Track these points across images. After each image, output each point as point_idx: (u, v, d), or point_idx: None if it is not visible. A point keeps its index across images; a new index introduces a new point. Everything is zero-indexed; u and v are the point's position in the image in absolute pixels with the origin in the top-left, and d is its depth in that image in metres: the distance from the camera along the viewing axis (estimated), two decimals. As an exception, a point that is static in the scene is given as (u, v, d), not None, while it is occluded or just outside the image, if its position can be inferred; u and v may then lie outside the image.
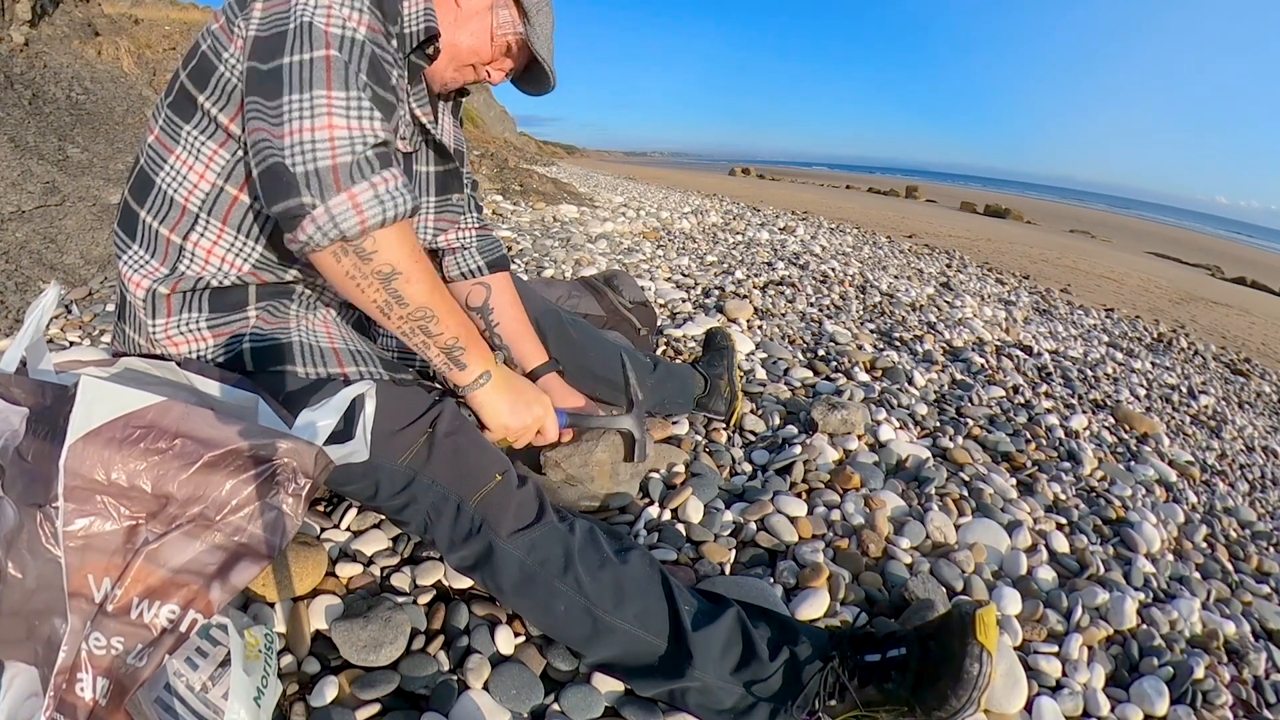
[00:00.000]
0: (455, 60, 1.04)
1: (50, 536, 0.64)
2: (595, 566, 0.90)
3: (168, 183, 0.91)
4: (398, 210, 0.78)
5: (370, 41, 0.82)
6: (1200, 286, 8.82)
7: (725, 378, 1.62)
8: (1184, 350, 3.95)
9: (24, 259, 2.39)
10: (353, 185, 0.76)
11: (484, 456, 0.96)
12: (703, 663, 0.86)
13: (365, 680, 0.88)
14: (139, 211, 0.94)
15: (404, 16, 0.94)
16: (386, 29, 0.87)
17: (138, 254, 0.94)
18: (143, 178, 0.94)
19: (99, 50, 4.98)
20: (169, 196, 0.91)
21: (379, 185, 0.77)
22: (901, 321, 2.92)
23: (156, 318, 0.95)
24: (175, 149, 0.90)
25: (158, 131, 0.92)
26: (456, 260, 1.30)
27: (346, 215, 0.75)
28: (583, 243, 4.10)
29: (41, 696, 0.61)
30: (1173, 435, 2.28)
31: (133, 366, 0.87)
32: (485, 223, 1.34)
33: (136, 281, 0.94)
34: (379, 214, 0.77)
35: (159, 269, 0.93)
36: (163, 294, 0.93)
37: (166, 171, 0.91)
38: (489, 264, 1.31)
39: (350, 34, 0.80)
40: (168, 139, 0.91)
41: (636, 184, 11.82)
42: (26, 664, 0.64)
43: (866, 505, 1.37)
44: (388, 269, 0.80)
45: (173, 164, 0.91)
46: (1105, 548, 1.41)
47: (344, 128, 0.76)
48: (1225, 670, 1.12)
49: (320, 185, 0.75)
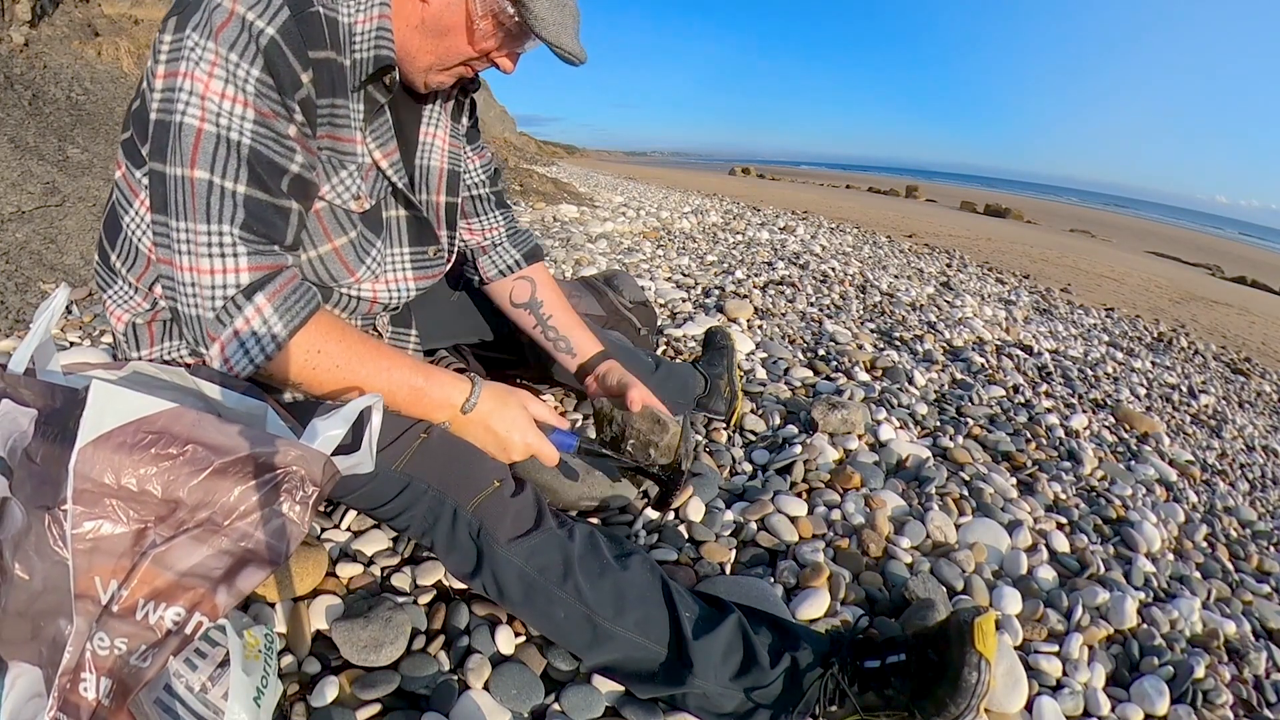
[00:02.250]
0: (439, 61, 0.91)
1: (58, 539, 0.64)
2: (595, 574, 0.89)
3: (133, 230, 0.89)
4: (265, 350, 0.79)
5: (255, 134, 0.76)
6: (1200, 286, 8.81)
7: (725, 377, 1.62)
8: (1184, 349, 3.94)
9: (24, 259, 2.39)
10: (220, 334, 0.78)
11: (480, 463, 0.95)
12: (703, 670, 0.85)
13: (366, 680, 0.88)
14: (110, 254, 0.93)
15: (355, 39, 0.83)
16: (282, 102, 0.78)
17: (121, 290, 0.94)
18: (113, 217, 0.92)
19: (99, 51, 4.98)
20: (134, 245, 0.90)
21: (242, 330, 0.78)
22: (902, 321, 2.92)
23: (140, 348, 0.95)
24: (140, 193, 0.87)
25: (124, 169, 0.88)
26: (491, 259, 1.27)
27: (220, 364, 0.79)
28: (583, 243, 4.10)
29: (45, 697, 0.61)
30: (1173, 434, 2.28)
31: (142, 370, 0.87)
32: (512, 215, 1.29)
33: (118, 315, 0.95)
34: (245, 363, 0.79)
35: (140, 304, 0.94)
36: (143, 324, 0.94)
37: (131, 217, 0.89)
38: (525, 255, 1.28)
39: (225, 132, 0.75)
40: (132, 180, 0.88)
41: (636, 184, 11.82)
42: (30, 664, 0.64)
43: (867, 505, 1.37)
44: (287, 380, 0.83)
45: (137, 209, 0.88)
46: (1106, 547, 1.41)
47: (208, 272, 0.76)
48: (1226, 669, 1.12)
49: (200, 333, 0.79)
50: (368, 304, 1.02)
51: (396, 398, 0.89)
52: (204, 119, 0.74)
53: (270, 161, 0.78)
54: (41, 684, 0.63)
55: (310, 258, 0.92)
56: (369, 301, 1.01)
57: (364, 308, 1.03)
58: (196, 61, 0.74)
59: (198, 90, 0.74)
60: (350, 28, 0.83)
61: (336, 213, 0.91)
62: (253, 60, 0.75)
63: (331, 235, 0.92)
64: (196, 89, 0.74)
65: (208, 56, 0.74)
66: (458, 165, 1.11)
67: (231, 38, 0.73)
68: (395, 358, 0.89)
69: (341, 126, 0.87)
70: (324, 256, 0.92)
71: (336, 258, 0.93)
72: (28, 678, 0.63)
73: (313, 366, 0.82)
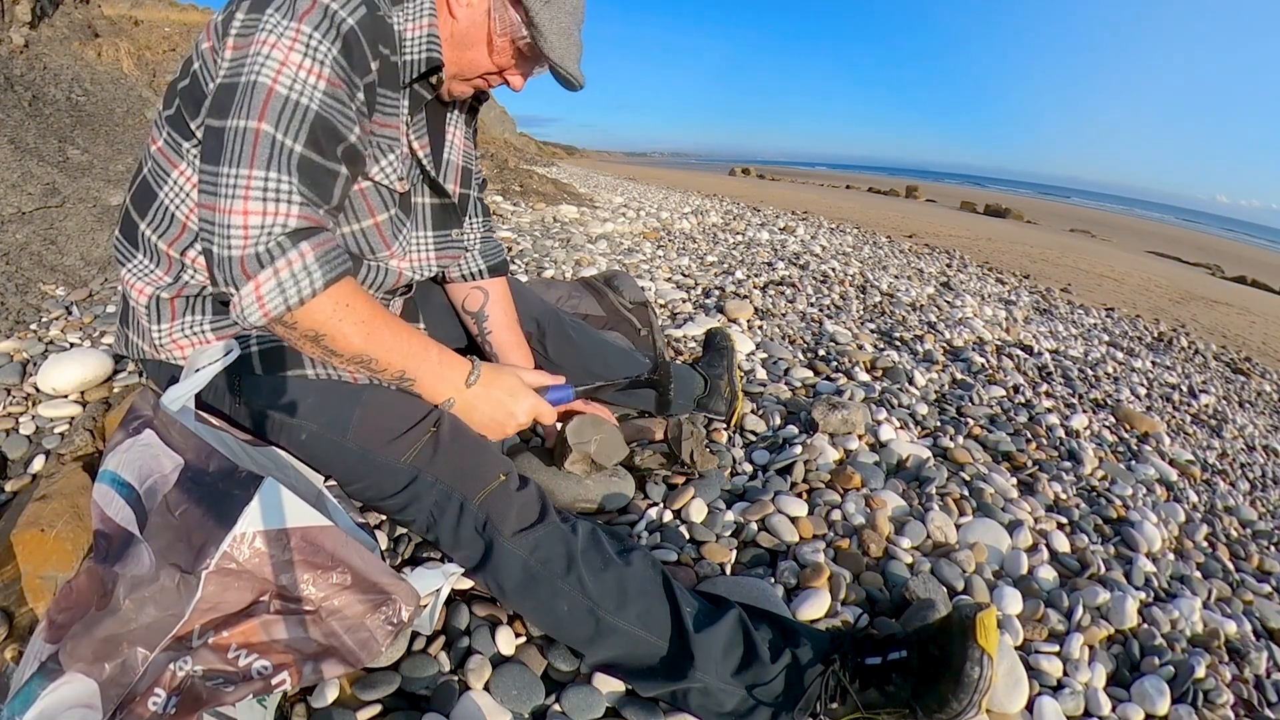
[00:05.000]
0: (460, 72, 1.00)
1: (182, 598, 0.68)
2: (598, 567, 0.90)
3: (170, 198, 0.92)
4: (301, 294, 0.79)
5: (324, 102, 0.80)
6: (1200, 285, 8.81)
7: (725, 378, 1.62)
8: (1184, 349, 3.94)
9: (24, 260, 2.40)
10: (259, 273, 0.78)
11: (487, 457, 0.97)
12: (704, 664, 0.86)
13: (366, 681, 0.89)
14: (139, 224, 0.94)
15: (406, 43, 0.92)
16: (351, 80, 0.83)
17: (142, 263, 0.95)
18: (145, 189, 0.94)
19: (99, 52, 4.98)
20: (170, 213, 0.92)
21: (282, 271, 0.78)
22: (902, 321, 2.92)
23: (160, 322, 0.96)
24: (180, 164, 0.90)
25: (161, 143, 0.92)
26: (458, 262, 1.30)
27: (251, 306, 0.79)
28: (583, 243, 4.10)
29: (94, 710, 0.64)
30: (1173, 434, 2.28)
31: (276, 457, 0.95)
32: (490, 225, 1.34)
33: (140, 289, 0.95)
34: (280, 304, 0.79)
35: (163, 277, 0.94)
36: (166, 299, 0.95)
37: (170, 186, 0.91)
38: (490, 268, 1.32)
39: (297, 96, 0.78)
40: (171, 153, 0.91)
41: (636, 184, 11.83)
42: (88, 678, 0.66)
43: (867, 505, 1.37)
44: (311, 333, 0.84)
45: (176, 179, 0.91)
46: (1106, 547, 1.41)
47: (258, 213, 0.77)
48: (1226, 669, 1.12)
49: (232, 273, 0.78)
50: (394, 277, 1.08)
51: (409, 365, 0.93)
52: (277, 80, 0.78)
53: (332, 127, 0.81)
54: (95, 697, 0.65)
55: (354, 230, 0.98)
56: (395, 275, 1.07)
57: (390, 281, 1.08)
58: (279, 35, 0.78)
59: (276, 56, 0.78)
60: (401, 34, 0.91)
61: (381, 191, 0.98)
62: (333, 41, 0.80)
63: (375, 212, 0.99)
64: (275, 55, 0.78)
65: (289, 32, 0.78)
66: (471, 164, 1.21)
67: (316, 19, 0.79)
68: (412, 330, 0.94)
69: (391, 115, 0.94)
70: (366, 230, 0.99)
71: (377, 232, 1.00)
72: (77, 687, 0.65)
73: (340, 318, 0.84)
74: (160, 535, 0.71)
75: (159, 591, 0.67)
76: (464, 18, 0.95)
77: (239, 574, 0.69)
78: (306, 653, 0.73)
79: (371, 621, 0.75)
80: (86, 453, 1.25)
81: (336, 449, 0.94)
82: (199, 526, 0.71)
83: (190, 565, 0.68)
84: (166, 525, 0.72)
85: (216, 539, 0.68)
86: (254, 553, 0.70)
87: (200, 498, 0.74)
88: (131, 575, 0.68)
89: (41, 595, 0.90)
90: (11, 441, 1.36)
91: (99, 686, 0.65)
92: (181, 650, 0.68)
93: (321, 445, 0.94)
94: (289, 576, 0.72)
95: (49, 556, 0.94)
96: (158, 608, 0.67)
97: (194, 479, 0.76)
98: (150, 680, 0.66)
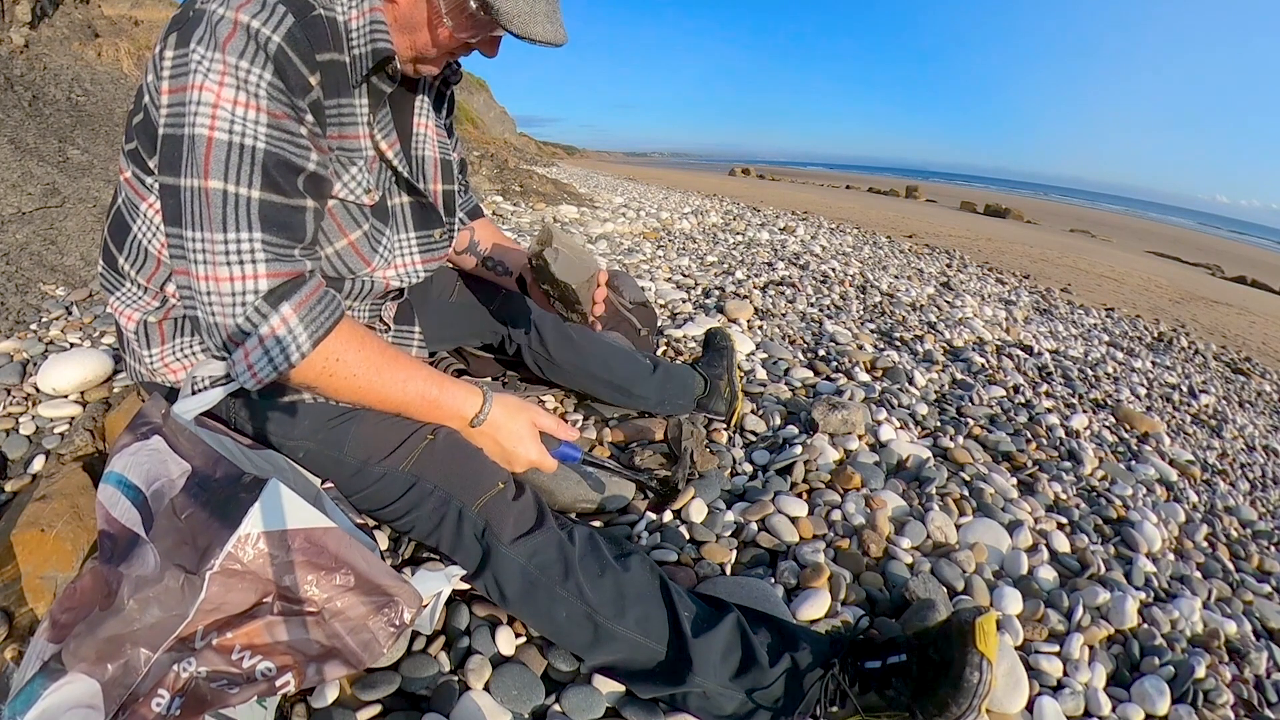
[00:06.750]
0: (418, 54, 0.91)
1: (186, 599, 0.69)
2: (596, 573, 0.90)
3: (142, 232, 0.90)
4: (290, 359, 0.79)
5: (270, 137, 0.75)
6: (1200, 285, 8.81)
7: (725, 378, 1.62)
8: (1184, 349, 3.94)
9: (24, 260, 2.40)
10: (245, 342, 0.78)
11: (485, 464, 0.97)
12: (703, 669, 0.86)
13: (366, 681, 0.89)
14: (118, 257, 0.93)
15: (350, 35, 0.83)
16: (294, 104, 0.77)
17: (129, 291, 0.95)
18: (120, 221, 0.93)
19: (99, 52, 4.98)
20: (144, 248, 0.90)
21: (267, 339, 0.78)
22: (902, 321, 2.92)
23: (151, 347, 0.95)
24: (149, 197, 0.88)
25: (129, 174, 0.89)
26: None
27: (244, 375, 0.79)
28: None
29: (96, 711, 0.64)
30: (1173, 434, 2.28)
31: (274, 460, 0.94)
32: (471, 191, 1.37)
33: (128, 315, 0.95)
34: (270, 371, 0.79)
35: (150, 303, 0.94)
36: (154, 323, 0.95)
37: (141, 220, 0.90)
38: (468, 214, 1.38)
39: (239, 139, 0.74)
40: (139, 184, 0.88)
41: (636, 184, 11.82)
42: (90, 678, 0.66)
43: (867, 505, 1.37)
44: (304, 385, 0.85)
45: (145, 212, 0.89)
46: (1106, 547, 1.41)
47: (227, 279, 0.76)
48: (1226, 669, 1.12)
49: (222, 339, 0.79)
50: (381, 288, 1.05)
51: (410, 407, 0.92)
52: (214, 127, 0.73)
53: (285, 162, 0.78)
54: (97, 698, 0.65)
55: (328, 254, 0.94)
56: (382, 286, 1.05)
57: (378, 290, 1.06)
58: (205, 73, 0.73)
59: (207, 100, 0.73)
60: (346, 25, 0.83)
61: (349, 209, 0.93)
62: (263, 66, 0.74)
63: (346, 231, 0.94)
64: (206, 99, 0.73)
65: (216, 67, 0.73)
66: (448, 154, 1.12)
67: (240, 47, 0.73)
68: (411, 368, 0.91)
69: (348, 124, 0.88)
70: (341, 252, 0.94)
71: (353, 251, 0.95)
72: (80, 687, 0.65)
73: (330, 374, 0.83)
74: (166, 538, 0.71)
75: (163, 592, 0.68)
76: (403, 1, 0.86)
77: (243, 575, 0.70)
78: (309, 654, 0.73)
79: (374, 623, 0.75)
80: (86, 453, 1.25)
81: (334, 463, 0.94)
82: (204, 529, 0.72)
83: (195, 566, 0.68)
84: (172, 528, 0.72)
85: (221, 540, 0.69)
86: (258, 553, 0.70)
87: (206, 502, 0.74)
88: (136, 575, 0.69)
89: (41, 595, 0.90)
90: (11, 441, 1.36)
91: (102, 687, 0.65)
92: (185, 651, 0.68)
93: (319, 461, 0.95)
94: (292, 577, 0.72)
95: (49, 556, 0.94)
96: (162, 608, 0.67)
97: (201, 485, 0.76)
98: (154, 681, 0.66)
